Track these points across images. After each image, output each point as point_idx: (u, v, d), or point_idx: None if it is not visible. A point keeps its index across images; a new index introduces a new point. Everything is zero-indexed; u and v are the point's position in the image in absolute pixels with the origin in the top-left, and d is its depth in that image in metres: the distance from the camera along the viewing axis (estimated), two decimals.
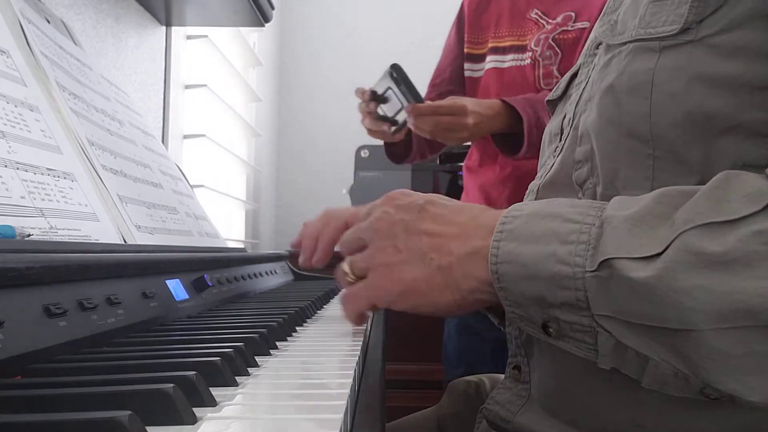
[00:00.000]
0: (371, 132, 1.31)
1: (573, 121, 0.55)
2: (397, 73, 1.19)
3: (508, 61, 1.38)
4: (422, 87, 2.56)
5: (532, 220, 0.46)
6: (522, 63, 1.36)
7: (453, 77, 1.47)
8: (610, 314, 0.41)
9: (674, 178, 0.46)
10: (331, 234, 0.67)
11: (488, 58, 1.41)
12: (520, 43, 1.37)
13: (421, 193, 0.55)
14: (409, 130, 1.28)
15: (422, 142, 1.43)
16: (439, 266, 0.50)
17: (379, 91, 1.24)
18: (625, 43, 0.49)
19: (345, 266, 0.56)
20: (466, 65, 1.46)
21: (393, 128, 1.25)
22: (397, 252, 0.52)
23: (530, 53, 1.35)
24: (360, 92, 1.27)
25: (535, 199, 0.59)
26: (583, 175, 0.52)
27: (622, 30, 0.51)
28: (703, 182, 0.44)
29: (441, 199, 0.54)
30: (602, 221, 0.42)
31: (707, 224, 0.38)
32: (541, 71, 1.32)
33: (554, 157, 0.58)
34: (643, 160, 0.47)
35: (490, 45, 1.41)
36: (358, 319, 0.58)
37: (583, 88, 0.55)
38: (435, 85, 1.49)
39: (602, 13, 0.56)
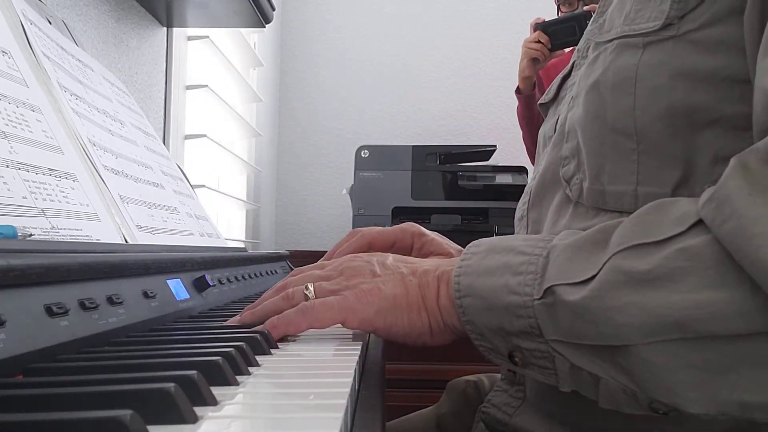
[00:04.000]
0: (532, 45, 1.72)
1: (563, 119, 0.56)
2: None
3: None
4: (418, 87, 2.54)
5: (488, 256, 0.47)
6: None
7: None
8: (560, 338, 0.42)
9: (658, 172, 0.47)
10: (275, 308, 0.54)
11: None
12: None
13: None
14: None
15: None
16: (419, 284, 0.51)
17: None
18: (610, 40, 0.50)
19: (309, 286, 0.53)
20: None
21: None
22: (375, 275, 0.52)
23: None
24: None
25: (529, 201, 0.60)
26: (570, 171, 0.53)
27: (609, 28, 0.51)
28: (685, 176, 0.45)
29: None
30: (548, 251, 0.44)
31: (636, 245, 0.39)
32: None
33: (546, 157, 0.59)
34: (627, 154, 0.48)
35: None
36: (292, 330, 0.51)
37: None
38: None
39: (594, 16, 0.56)
